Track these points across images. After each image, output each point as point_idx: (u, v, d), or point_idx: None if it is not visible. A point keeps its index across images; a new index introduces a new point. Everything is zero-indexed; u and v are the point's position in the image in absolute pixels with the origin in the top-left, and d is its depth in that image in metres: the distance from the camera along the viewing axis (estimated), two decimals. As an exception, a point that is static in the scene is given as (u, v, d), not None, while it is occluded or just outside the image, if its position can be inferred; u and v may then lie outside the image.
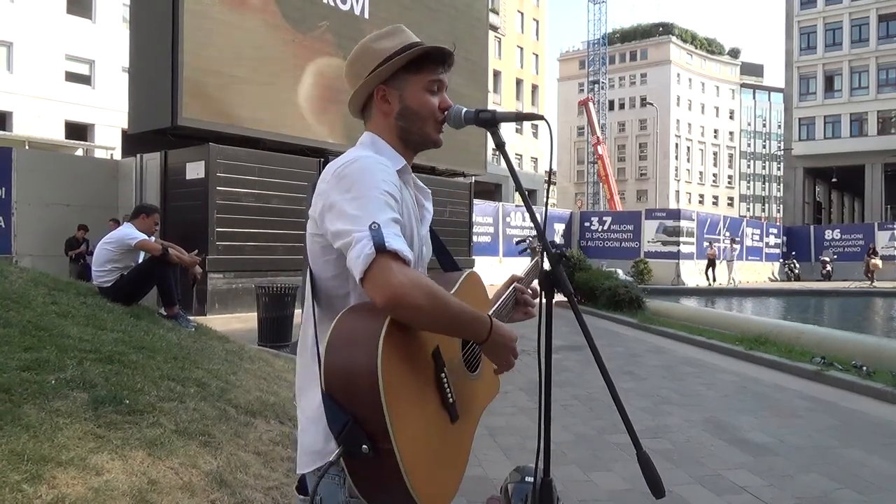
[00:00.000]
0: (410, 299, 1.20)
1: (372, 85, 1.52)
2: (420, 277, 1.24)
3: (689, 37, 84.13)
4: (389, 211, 1.30)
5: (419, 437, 1.24)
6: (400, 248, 1.24)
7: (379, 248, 1.22)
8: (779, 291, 23.87)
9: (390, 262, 1.22)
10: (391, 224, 1.28)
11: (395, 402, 1.17)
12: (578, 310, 1.40)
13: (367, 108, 1.57)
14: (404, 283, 1.21)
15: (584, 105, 48.95)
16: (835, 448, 4.78)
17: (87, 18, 29.56)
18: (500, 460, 4.25)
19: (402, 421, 1.18)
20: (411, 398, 1.24)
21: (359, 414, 1.17)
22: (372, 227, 1.25)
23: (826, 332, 9.42)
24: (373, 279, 1.22)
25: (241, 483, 3.11)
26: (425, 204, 1.60)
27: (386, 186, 1.34)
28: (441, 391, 1.35)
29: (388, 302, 1.21)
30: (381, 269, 1.22)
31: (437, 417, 1.34)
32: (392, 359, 1.19)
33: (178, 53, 11.36)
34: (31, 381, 3.32)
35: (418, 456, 1.21)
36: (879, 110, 46.17)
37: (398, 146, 1.53)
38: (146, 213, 6.80)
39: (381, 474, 1.19)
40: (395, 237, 1.25)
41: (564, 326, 1.82)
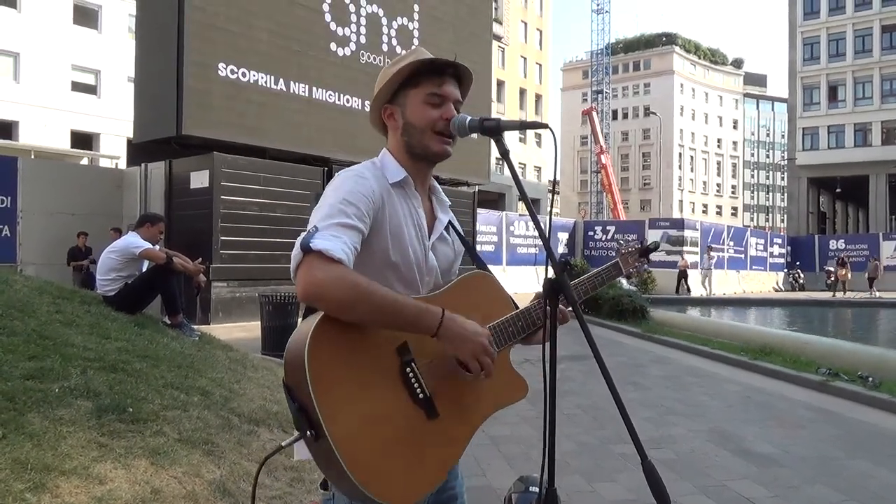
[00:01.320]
0: (328, 294, 1.29)
1: (378, 106, 1.61)
2: (346, 274, 1.31)
3: (693, 47, 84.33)
4: (341, 217, 1.38)
5: (362, 429, 1.29)
6: (325, 248, 1.31)
7: (304, 249, 1.32)
8: (783, 301, 23.79)
9: (313, 261, 1.31)
10: (335, 228, 1.36)
11: (326, 392, 1.26)
12: (583, 319, 1.40)
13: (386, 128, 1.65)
14: (322, 280, 1.29)
15: (587, 114, 49.03)
16: (840, 459, 4.75)
17: (94, 29, 29.77)
18: (504, 470, 4.23)
19: (334, 411, 1.26)
20: (351, 390, 1.31)
21: (302, 402, 1.27)
22: (310, 231, 1.35)
23: (831, 342, 9.38)
24: (297, 276, 1.32)
25: (243, 492, 3.11)
26: (440, 216, 1.65)
27: (350, 197, 1.42)
28: (408, 386, 1.39)
29: (305, 296, 1.31)
30: (304, 267, 1.31)
31: (402, 413, 1.37)
32: (323, 352, 1.28)
33: (182, 63, 11.42)
34: (35, 390, 3.32)
35: (360, 446, 1.28)
36: (883, 120, 46.14)
37: (406, 160, 1.59)
38: (151, 222, 6.82)
39: (327, 458, 1.28)
40: (327, 238, 1.33)
41: (568, 336, 1.82)
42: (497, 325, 1.57)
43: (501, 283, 1.68)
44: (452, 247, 1.71)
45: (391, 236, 1.48)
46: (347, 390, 1.30)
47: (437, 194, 1.68)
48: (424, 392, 1.40)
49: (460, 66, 1.60)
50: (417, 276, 1.55)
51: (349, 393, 1.30)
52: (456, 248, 1.72)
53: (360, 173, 1.50)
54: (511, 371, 1.62)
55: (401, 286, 1.51)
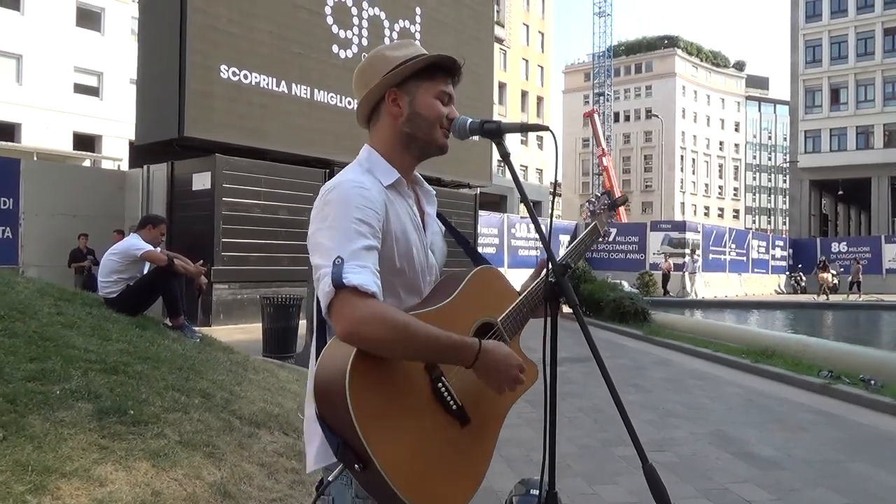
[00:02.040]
0: (369, 333, 1.25)
1: (383, 89, 1.53)
2: (384, 311, 1.28)
3: (695, 49, 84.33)
4: (360, 239, 1.34)
5: (410, 452, 1.29)
6: (360, 283, 1.27)
7: (337, 285, 1.27)
8: (785, 304, 23.77)
9: (349, 298, 1.27)
10: (359, 255, 1.32)
11: (370, 423, 1.23)
12: (584, 321, 1.40)
13: (373, 116, 1.58)
14: (363, 318, 1.25)
15: (589, 117, 49.06)
16: (842, 462, 4.74)
17: (96, 31, 29.86)
18: (505, 472, 4.22)
19: (381, 440, 1.24)
20: (394, 416, 1.29)
21: (344, 436, 1.25)
22: (335, 263, 1.30)
23: (833, 345, 9.37)
24: (334, 315, 1.29)
25: (244, 494, 3.10)
26: (428, 210, 1.62)
27: (360, 213, 1.37)
28: (441, 401, 1.39)
29: (346, 336, 1.26)
30: (341, 305, 1.27)
31: (440, 427, 1.37)
32: (363, 384, 1.24)
33: (185, 65, 11.44)
34: (36, 392, 3.32)
35: (411, 470, 1.27)
36: (885, 123, 46.12)
37: (398, 155, 1.55)
38: (153, 224, 6.82)
39: (378, 487, 1.26)
40: (357, 270, 1.29)
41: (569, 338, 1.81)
42: (507, 316, 1.58)
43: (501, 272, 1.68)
44: (443, 238, 1.69)
45: (396, 243, 1.45)
46: (389, 418, 1.29)
47: (421, 185, 1.64)
48: (457, 402, 1.41)
49: (461, 72, 1.60)
50: (421, 279, 1.54)
51: (391, 420, 1.29)
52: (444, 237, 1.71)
53: (360, 184, 1.43)
54: (522, 357, 1.62)
55: (404, 291, 1.50)
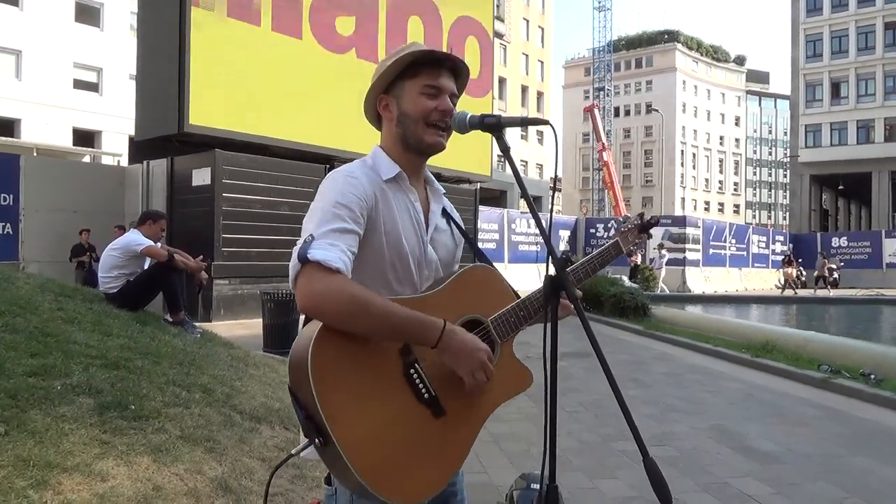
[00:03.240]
0: (327, 307, 1.29)
1: (373, 96, 1.59)
2: (343, 285, 1.31)
3: (695, 44, 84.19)
4: (336, 221, 1.38)
5: (370, 433, 1.30)
6: (323, 258, 1.31)
7: (301, 259, 1.32)
8: (785, 299, 23.77)
9: (311, 272, 1.31)
10: (331, 234, 1.36)
11: (331, 399, 1.26)
12: (584, 316, 1.40)
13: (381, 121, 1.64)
14: (321, 292, 1.30)
15: (589, 112, 48.92)
16: (843, 457, 4.75)
17: (95, 27, 29.79)
18: (506, 467, 4.23)
19: (341, 417, 1.27)
20: (357, 395, 1.31)
21: (307, 410, 1.28)
22: (306, 241, 1.35)
23: (833, 339, 9.36)
24: (296, 287, 1.33)
25: (245, 489, 3.11)
26: (433, 207, 1.63)
27: (341, 199, 1.41)
28: (413, 388, 1.39)
29: (304, 308, 1.32)
30: (303, 279, 1.32)
31: (408, 414, 1.38)
32: (326, 355, 1.28)
33: (184, 60, 11.41)
34: (37, 387, 3.33)
35: (369, 450, 1.29)
36: (886, 117, 46.07)
37: (400, 153, 1.58)
38: (153, 220, 6.83)
39: (336, 463, 1.30)
40: (324, 247, 1.33)
41: (569, 333, 1.81)
42: (499, 316, 1.57)
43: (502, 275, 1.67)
44: (452, 236, 1.70)
45: (386, 234, 1.48)
46: (352, 395, 1.30)
47: (432, 184, 1.68)
48: (430, 391, 1.41)
49: (457, 60, 1.59)
50: (415, 271, 1.54)
51: (354, 398, 1.30)
52: (456, 237, 1.72)
53: (350, 173, 1.48)
54: (515, 362, 1.62)
55: (397, 284, 1.51)
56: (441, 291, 1.51)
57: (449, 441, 1.44)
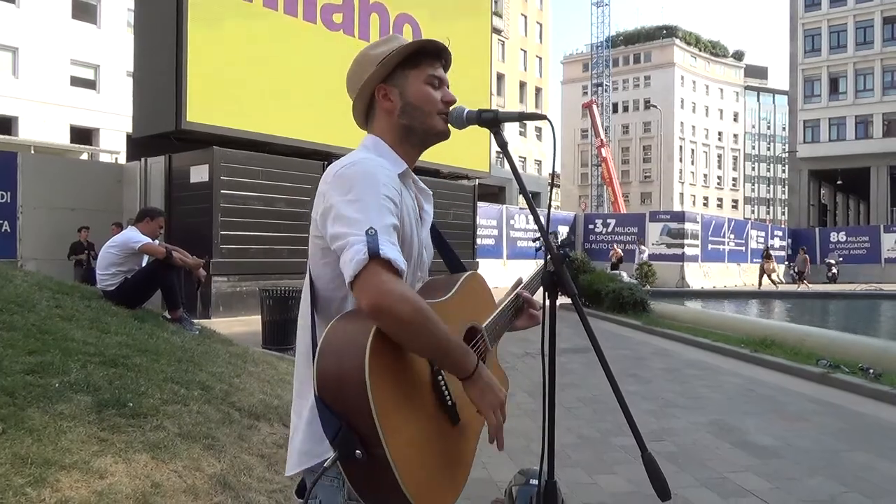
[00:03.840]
0: (395, 309, 1.19)
1: (371, 86, 1.52)
2: (411, 292, 1.24)
3: (693, 39, 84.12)
4: (388, 216, 1.29)
5: (414, 442, 1.24)
6: (394, 258, 1.23)
7: (373, 254, 1.21)
8: (784, 294, 23.78)
9: (381, 270, 1.21)
10: (388, 230, 1.27)
11: (386, 407, 1.17)
12: (583, 312, 1.39)
13: (370, 114, 1.56)
14: (393, 292, 1.20)
15: (587, 108, 48.94)
16: (841, 451, 4.75)
17: (93, 24, 29.69)
18: (505, 463, 4.22)
19: (393, 425, 1.18)
20: (404, 403, 1.25)
21: (350, 419, 1.17)
22: (368, 233, 1.24)
23: (832, 334, 9.37)
24: (362, 283, 1.21)
25: (244, 486, 3.11)
26: (425, 206, 1.58)
27: (386, 191, 1.32)
28: (439, 394, 1.35)
29: (372, 308, 1.20)
30: (372, 275, 1.21)
31: (436, 421, 1.33)
32: (381, 364, 1.19)
33: (182, 57, 11.40)
34: (34, 385, 3.32)
35: (413, 460, 1.22)
36: (885, 112, 46.03)
37: (401, 147, 1.52)
38: (150, 217, 6.81)
39: (377, 478, 1.19)
40: (390, 245, 1.24)
41: (568, 329, 1.81)
42: (489, 324, 1.56)
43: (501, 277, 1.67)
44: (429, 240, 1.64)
45: (402, 233, 1.40)
46: (401, 406, 1.24)
47: (418, 183, 1.60)
48: (451, 399, 1.37)
49: (449, 53, 1.57)
50: (412, 274, 1.49)
51: (402, 408, 1.24)
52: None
53: (381, 163, 1.39)
54: (499, 369, 1.61)
55: None
56: (452, 298, 1.47)
57: (463, 449, 1.43)
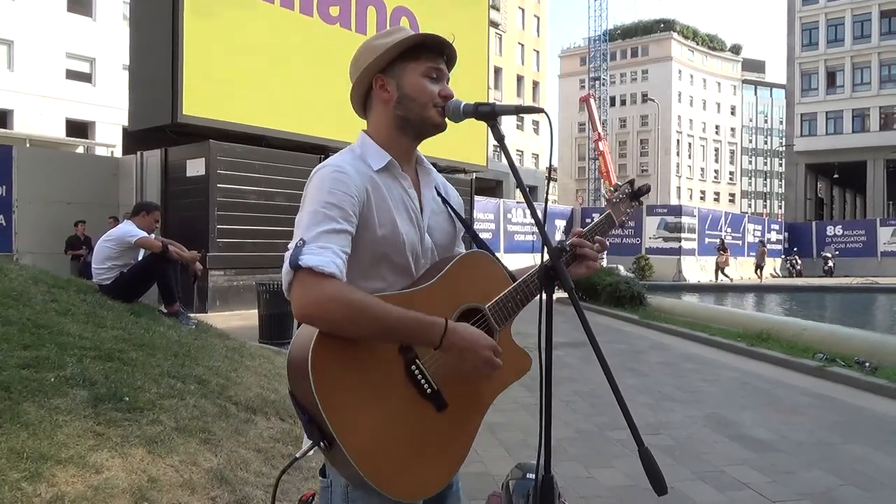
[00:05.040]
0: (324, 314, 1.27)
1: (369, 76, 1.53)
2: (338, 290, 1.28)
3: (691, 33, 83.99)
4: (327, 223, 1.34)
5: (373, 433, 1.29)
6: (316, 264, 1.28)
7: (293, 266, 1.29)
8: (781, 287, 23.83)
9: (305, 278, 1.28)
10: (322, 237, 1.32)
11: (333, 402, 1.25)
12: (580, 305, 1.38)
13: (367, 105, 1.58)
14: (316, 298, 1.27)
15: (585, 101, 48.81)
16: (838, 444, 4.77)
17: (88, 16, 29.54)
18: (502, 457, 4.23)
19: (344, 419, 1.25)
20: (359, 396, 1.30)
21: (310, 414, 1.27)
22: (297, 245, 1.32)
23: (829, 328, 9.39)
24: (290, 295, 1.30)
25: (241, 480, 3.10)
26: (424, 192, 1.60)
27: (331, 198, 1.37)
28: (415, 384, 1.38)
29: (300, 317, 1.29)
30: (297, 286, 1.29)
31: (411, 410, 1.37)
32: (326, 360, 1.26)
33: (178, 50, 11.34)
34: (30, 379, 3.31)
35: (374, 450, 1.28)
36: (881, 106, 46.09)
37: (395, 137, 1.54)
38: (147, 211, 6.80)
39: (343, 465, 1.29)
40: (317, 252, 1.30)
41: (565, 323, 1.81)
42: (497, 302, 1.55)
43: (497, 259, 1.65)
44: (450, 218, 1.65)
45: (380, 227, 1.44)
46: (354, 397, 1.29)
47: (422, 163, 1.63)
48: (431, 386, 1.39)
49: (453, 51, 1.57)
50: (411, 261, 1.51)
51: (356, 400, 1.29)
52: (453, 217, 1.67)
53: (339, 167, 1.43)
54: (514, 346, 1.59)
55: (393, 276, 1.49)
56: (437, 282, 1.48)
57: (453, 433, 1.44)
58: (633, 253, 25.43)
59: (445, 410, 1.41)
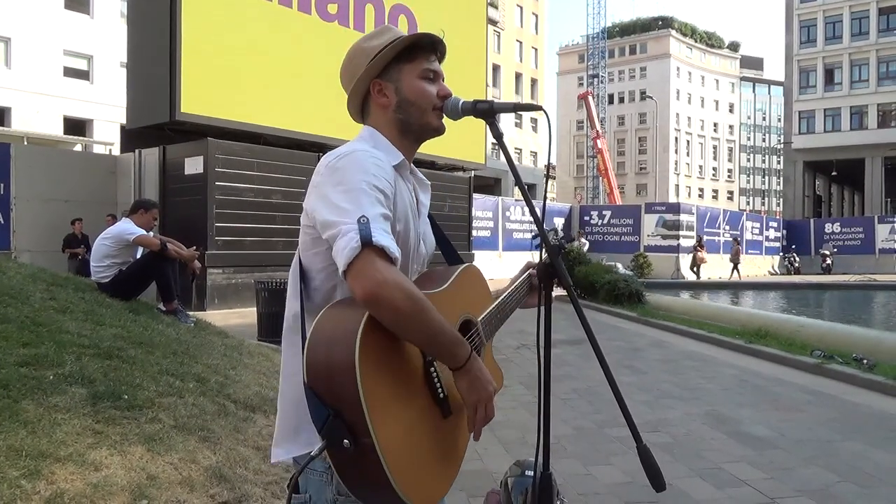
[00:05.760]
0: (390, 298, 1.18)
1: (366, 81, 1.51)
2: (405, 280, 1.23)
3: (689, 30, 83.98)
4: (379, 206, 1.28)
5: (403, 432, 1.23)
6: (387, 245, 1.22)
7: (366, 242, 1.20)
8: (779, 285, 23.86)
9: (375, 258, 1.21)
10: (380, 219, 1.26)
11: (375, 396, 1.17)
12: (578, 303, 1.39)
13: (365, 108, 1.56)
14: (387, 280, 1.19)
15: (583, 99, 48.91)
16: (835, 441, 4.78)
17: (86, 14, 29.47)
18: (500, 454, 4.24)
19: (382, 415, 1.18)
20: (394, 393, 1.24)
21: (339, 408, 1.16)
22: (360, 221, 1.23)
23: (826, 325, 9.41)
24: (355, 272, 1.21)
25: (240, 478, 3.11)
26: (421, 198, 1.58)
27: (377, 182, 1.31)
28: (431, 386, 1.34)
29: (367, 296, 1.19)
30: (365, 263, 1.20)
31: (427, 413, 1.33)
32: (371, 353, 1.19)
33: (176, 47, 11.32)
34: (29, 377, 3.31)
35: (402, 451, 1.21)
36: (879, 103, 46.11)
37: (398, 140, 1.51)
38: (145, 209, 6.78)
39: (365, 469, 1.18)
40: (383, 233, 1.23)
41: (564, 320, 1.81)
42: (485, 317, 1.55)
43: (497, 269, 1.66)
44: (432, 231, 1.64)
45: (398, 222, 1.40)
46: (390, 394, 1.23)
47: (416, 174, 1.60)
48: (444, 391, 1.37)
49: (444, 45, 1.56)
50: (410, 266, 1.49)
51: (392, 397, 1.23)
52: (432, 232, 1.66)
53: (374, 154, 1.38)
54: (493, 362, 1.60)
55: None
56: (448, 288, 1.46)
57: (455, 440, 1.43)
58: (631, 250, 25.45)
59: (450, 417, 1.39)
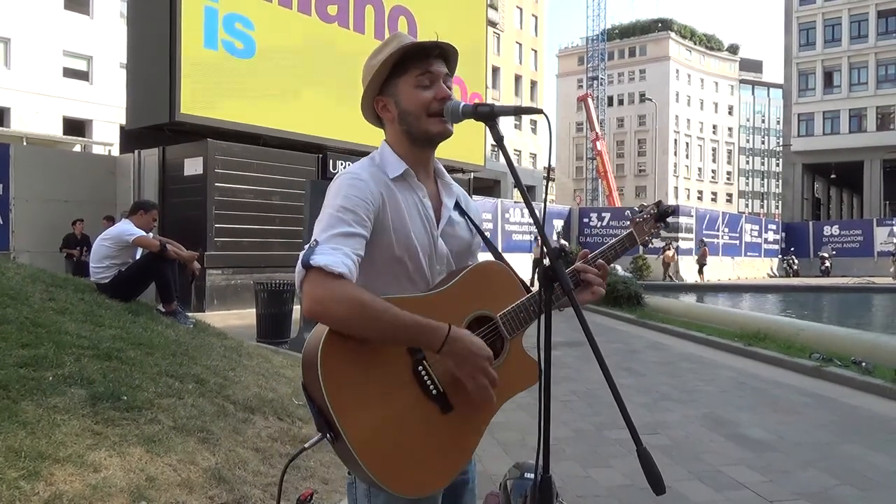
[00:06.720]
0: (329, 312, 1.32)
1: (369, 100, 1.59)
2: (345, 290, 1.33)
3: (688, 32, 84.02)
4: (341, 226, 1.39)
5: (378, 430, 1.34)
6: (325, 264, 1.33)
7: (305, 265, 1.34)
8: (778, 287, 23.87)
9: (315, 277, 1.33)
10: (335, 239, 1.37)
11: (340, 396, 1.31)
12: (578, 305, 1.39)
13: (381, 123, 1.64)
14: (323, 297, 1.32)
15: (583, 101, 48.87)
16: (834, 444, 4.78)
17: (85, 14, 29.44)
18: (500, 457, 4.24)
19: (350, 414, 1.31)
20: (366, 393, 1.35)
21: (317, 404, 1.33)
22: (310, 246, 1.37)
23: (825, 328, 9.41)
24: (301, 292, 1.36)
25: (239, 479, 3.11)
26: (445, 201, 1.63)
27: (346, 203, 1.42)
28: (421, 384, 1.42)
29: (309, 312, 1.34)
30: (307, 284, 1.34)
31: (416, 410, 1.41)
32: (336, 355, 1.32)
33: (176, 48, 11.33)
34: (28, 378, 3.31)
35: (379, 447, 1.33)
36: (878, 106, 46.17)
37: (410, 150, 1.58)
38: (144, 210, 6.77)
39: (347, 457, 1.35)
40: (328, 252, 1.35)
41: (563, 322, 1.81)
42: (508, 312, 1.56)
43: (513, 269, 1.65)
44: (468, 228, 1.68)
45: (395, 233, 1.48)
46: (361, 392, 1.34)
47: (443, 177, 1.67)
48: (437, 388, 1.43)
49: (444, 45, 1.57)
50: (426, 267, 1.53)
51: (363, 395, 1.34)
52: (472, 229, 1.70)
53: (357, 175, 1.48)
54: (523, 356, 1.60)
55: (408, 280, 1.52)
56: (451, 288, 1.51)
57: (457, 436, 1.47)
58: (630, 253, 25.37)
59: (451, 413, 1.44)
